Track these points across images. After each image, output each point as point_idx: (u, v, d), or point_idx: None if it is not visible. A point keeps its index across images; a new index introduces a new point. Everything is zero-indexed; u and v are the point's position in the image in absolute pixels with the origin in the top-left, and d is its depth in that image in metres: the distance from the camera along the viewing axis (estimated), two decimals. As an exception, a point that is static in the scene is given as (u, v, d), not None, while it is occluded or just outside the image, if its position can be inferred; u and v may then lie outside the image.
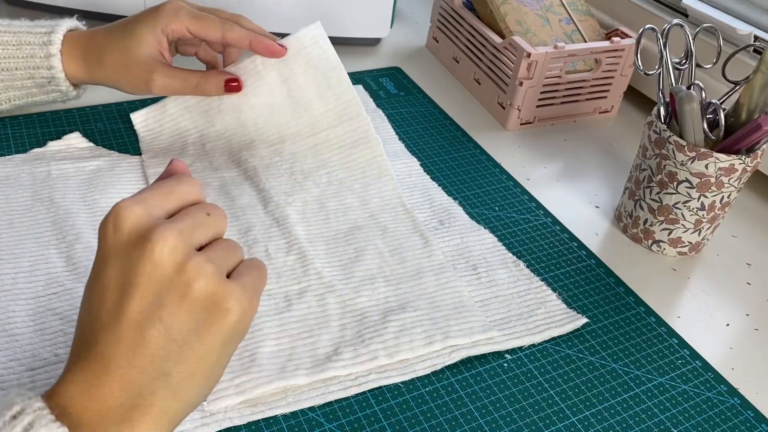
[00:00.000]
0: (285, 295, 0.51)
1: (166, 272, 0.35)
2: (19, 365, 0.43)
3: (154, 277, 0.35)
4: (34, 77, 0.60)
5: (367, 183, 0.62)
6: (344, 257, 0.55)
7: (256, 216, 0.57)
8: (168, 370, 0.35)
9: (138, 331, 0.35)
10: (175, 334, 0.35)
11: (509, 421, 0.45)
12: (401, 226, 0.58)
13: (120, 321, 0.35)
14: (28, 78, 0.60)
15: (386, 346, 0.48)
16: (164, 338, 0.35)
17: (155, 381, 0.35)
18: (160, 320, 0.35)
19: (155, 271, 0.35)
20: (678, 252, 0.61)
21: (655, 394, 0.49)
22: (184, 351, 0.35)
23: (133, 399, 0.35)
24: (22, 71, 0.59)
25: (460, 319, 0.50)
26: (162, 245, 0.35)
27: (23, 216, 0.54)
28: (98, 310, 0.35)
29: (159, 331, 0.35)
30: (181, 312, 0.35)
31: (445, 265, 0.55)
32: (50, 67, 0.59)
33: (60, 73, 0.60)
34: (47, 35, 0.59)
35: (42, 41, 0.59)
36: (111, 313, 0.35)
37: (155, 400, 0.35)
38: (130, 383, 0.35)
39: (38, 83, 0.60)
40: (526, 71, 0.72)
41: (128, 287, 0.35)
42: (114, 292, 0.35)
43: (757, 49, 0.69)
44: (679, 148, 0.55)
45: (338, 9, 0.81)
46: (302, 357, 0.46)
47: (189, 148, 0.63)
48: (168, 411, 0.36)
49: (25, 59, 0.59)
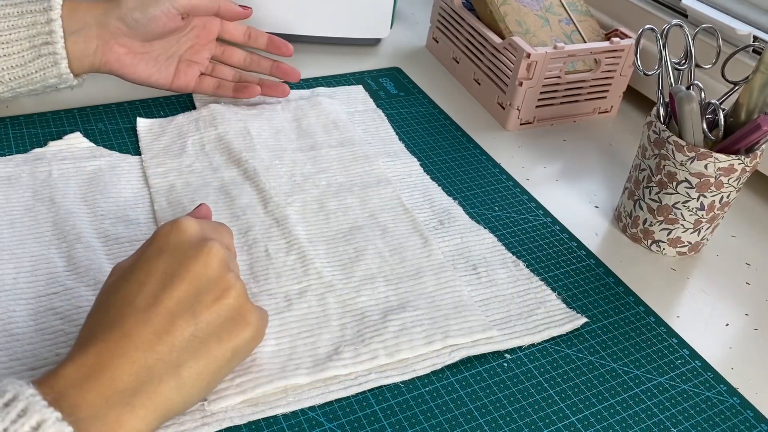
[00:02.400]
0: (285, 294, 0.51)
1: (211, 274, 0.40)
2: (20, 365, 0.44)
3: (201, 275, 0.40)
4: (34, 44, 0.58)
5: (366, 185, 0.62)
6: (344, 257, 0.55)
7: (256, 216, 0.57)
8: (183, 362, 0.38)
9: (169, 318, 0.38)
10: (200, 330, 0.39)
11: (509, 420, 0.45)
12: (401, 226, 0.58)
13: (155, 307, 0.38)
14: (28, 49, 0.58)
15: (386, 346, 0.48)
16: (190, 332, 0.38)
17: (168, 370, 0.37)
18: (192, 314, 0.39)
19: (203, 271, 0.40)
20: (677, 252, 0.61)
21: (654, 393, 0.49)
22: (201, 349, 0.39)
23: (140, 384, 0.36)
24: (23, 42, 0.58)
25: (460, 319, 0.51)
26: (216, 252, 0.41)
27: (24, 216, 0.54)
28: (134, 295, 0.39)
29: (188, 324, 0.38)
30: (212, 312, 0.39)
31: (445, 264, 0.55)
32: (51, 32, 0.58)
33: (59, 39, 0.58)
34: (47, 1, 0.58)
35: (42, 7, 0.58)
36: (148, 299, 0.38)
37: (162, 388, 0.37)
38: (143, 368, 0.36)
39: (41, 53, 0.58)
40: (526, 71, 0.72)
41: (175, 278, 0.39)
42: (158, 282, 0.39)
43: (757, 50, 0.69)
44: (679, 149, 0.56)
45: (338, 9, 0.81)
46: (303, 356, 0.47)
47: (189, 149, 0.63)
48: (168, 402, 0.37)
49: (27, 28, 0.58)
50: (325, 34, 0.83)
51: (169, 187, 0.59)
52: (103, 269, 0.50)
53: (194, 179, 0.60)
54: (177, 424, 0.41)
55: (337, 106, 0.72)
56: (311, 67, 0.81)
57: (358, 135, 0.68)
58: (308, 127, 0.68)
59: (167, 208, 0.57)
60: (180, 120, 0.67)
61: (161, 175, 0.60)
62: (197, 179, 0.60)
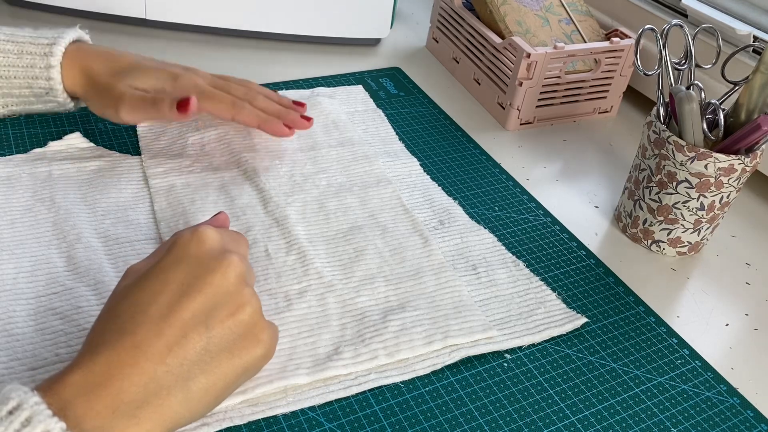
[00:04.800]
0: (285, 294, 0.51)
1: (229, 288, 0.39)
2: (20, 365, 0.44)
3: (218, 288, 0.39)
4: (32, 87, 0.60)
5: (366, 185, 0.62)
6: (344, 257, 0.55)
7: (255, 216, 0.57)
8: (193, 376, 0.37)
9: (183, 331, 0.37)
10: (212, 345, 0.38)
11: (509, 420, 0.45)
12: (401, 226, 0.58)
13: (169, 318, 0.37)
14: (26, 87, 0.60)
15: (386, 346, 0.48)
16: (202, 345, 0.38)
17: (177, 383, 0.36)
18: (206, 327, 0.38)
19: (222, 283, 0.39)
20: (677, 252, 0.61)
21: (654, 393, 0.49)
22: (212, 364, 0.38)
23: (148, 396, 0.35)
24: (20, 80, 0.59)
25: (460, 319, 0.51)
26: (235, 266, 0.40)
27: (24, 216, 0.54)
28: (147, 305, 0.38)
29: (201, 337, 0.38)
30: (225, 327, 0.39)
31: (445, 264, 0.55)
32: (49, 78, 0.59)
33: (58, 85, 0.59)
34: (49, 46, 0.59)
35: (43, 52, 0.58)
36: (162, 309, 0.37)
37: (169, 401, 0.36)
38: (153, 380, 0.36)
39: (36, 93, 0.60)
40: (526, 71, 0.72)
41: (191, 290, 0.38)
42: (174, 292, 0.38)
43: (757, 50, 0.69)
44: (679, 149, 0.56)
45: (338, 9, 0.81)
46: (303, 356, 0.47)
47: (189, 149, 0.63)
48: (174, 416, 0.37)
49: (24, 69, 0.59)
50: (326, 34, 0.83)
51: (169, 187, 0.59)
52: (103, 269, 0.50)
53: (194, 179, 0.60)
54: (177, 424, 0.41)
55: (337, 106, 0.72)
56: (311, 67, 0.81)
57: (358, 135, 0.68)
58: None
59: (167, 208, 0.57)
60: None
61: (161, 175, 0.60)
62: (197, 179, 0.60)
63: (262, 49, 0.82)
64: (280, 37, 0.84)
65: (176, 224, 0.55)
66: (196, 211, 0.57)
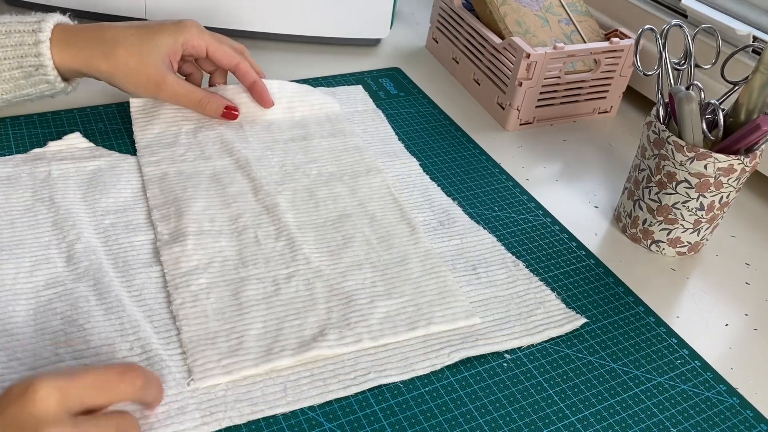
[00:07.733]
0: (273, 279, 0.52)
1: None
2: (20, 364, 0.44)
3: None
4: (23, 66, 0.59)
5: (356, 174, 0.63)
6: (332, 244, 0.56)
7: (246, 203, 0.58)
8: None
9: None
10: None
11: (509, 420, 0.45)
12: (389, 215, 0.59)
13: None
14: (16, 68, 0.59)
15: (371, 330, 0.49)
16: None
17: None
18: None
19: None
20: (677, 252, 0.61)
21: (654, 393, 0.49)
22: None
23: None
24: (10, 60, 0.59)
25: (444, 305, 0.51)
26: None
27: (24, 216, 0.54)
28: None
29: None
30: None
31: (431, 251, 0.56)
32: (38, 54, 0.59)
33: (48, 61, 0.59)
34: (37, 23, 0.59)
35: (31, 29, 0.59)
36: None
37: None
38: None
39: (26, 72, 0.60)
40: (526, 72, 0.72)
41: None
42: None
43: (756, 50, 0.69)
44: (678, 149, 0.56)
45: (338, 9, 0.81)
46: (288, 338, 0.47)
47: (182, 137, 0.64)
48: None
49: (14, 47, 0.59)
50: (325, 34, 0.83)
51: (161, 175, 0.60)
52: (103, 269, 0.50)
53: (186, 168, 0.61)
54: (177, 424, 0.41)
55: (330, 97, 0.72)
56: (311, 67, 0.81)
57: (349, 126, 0.69)
58: (301, 119, 0.69)
59: (159, 195, 0.58)
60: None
61: (154, 164, 0.61)
62: (189, 168, 0.61)
63: (263, 49, 0.82)
64: (280, 38, 0.84)
65: (168, 212, 0.56)
66: (187, 199, 0.57)
